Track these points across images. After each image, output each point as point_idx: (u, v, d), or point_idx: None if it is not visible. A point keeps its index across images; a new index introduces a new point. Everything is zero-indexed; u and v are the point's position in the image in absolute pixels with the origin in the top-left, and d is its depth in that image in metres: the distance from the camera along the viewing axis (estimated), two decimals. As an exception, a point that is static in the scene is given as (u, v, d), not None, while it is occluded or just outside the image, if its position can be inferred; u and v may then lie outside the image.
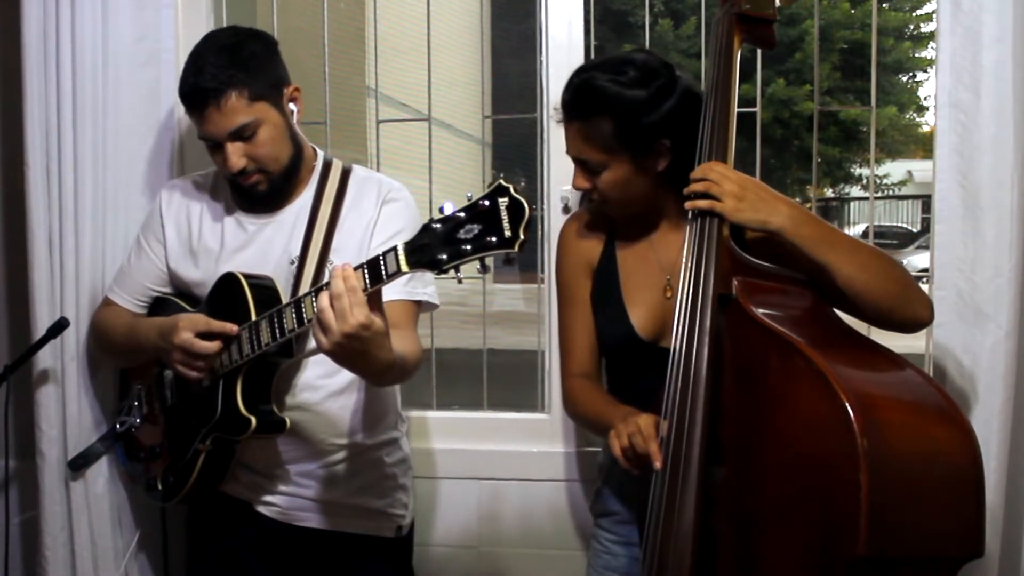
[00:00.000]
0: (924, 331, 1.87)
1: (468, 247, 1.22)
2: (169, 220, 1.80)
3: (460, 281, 1.28)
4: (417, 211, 1.77)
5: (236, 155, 1.63)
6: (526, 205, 1.19)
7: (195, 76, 1.61)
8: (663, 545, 1.36)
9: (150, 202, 1.91)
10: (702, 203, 1.40)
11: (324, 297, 1.32)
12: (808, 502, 1.21)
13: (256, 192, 1.69)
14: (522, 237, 1.20)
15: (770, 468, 1.27)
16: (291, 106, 1.70)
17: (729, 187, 1.38)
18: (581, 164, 1.57)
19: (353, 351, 1.34)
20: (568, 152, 1.58)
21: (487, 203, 1.21)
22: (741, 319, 1.34)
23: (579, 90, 1.54)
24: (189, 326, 1.57)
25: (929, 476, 1.18)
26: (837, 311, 1.41)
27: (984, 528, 1.20)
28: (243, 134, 1.62)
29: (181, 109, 2.02)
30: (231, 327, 1.56)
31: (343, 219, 1.71)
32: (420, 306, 1.71)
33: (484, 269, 1.25)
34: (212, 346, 1.57)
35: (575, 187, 1.59)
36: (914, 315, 1.43)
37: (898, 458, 1.16)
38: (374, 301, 1.35)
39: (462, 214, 1.23)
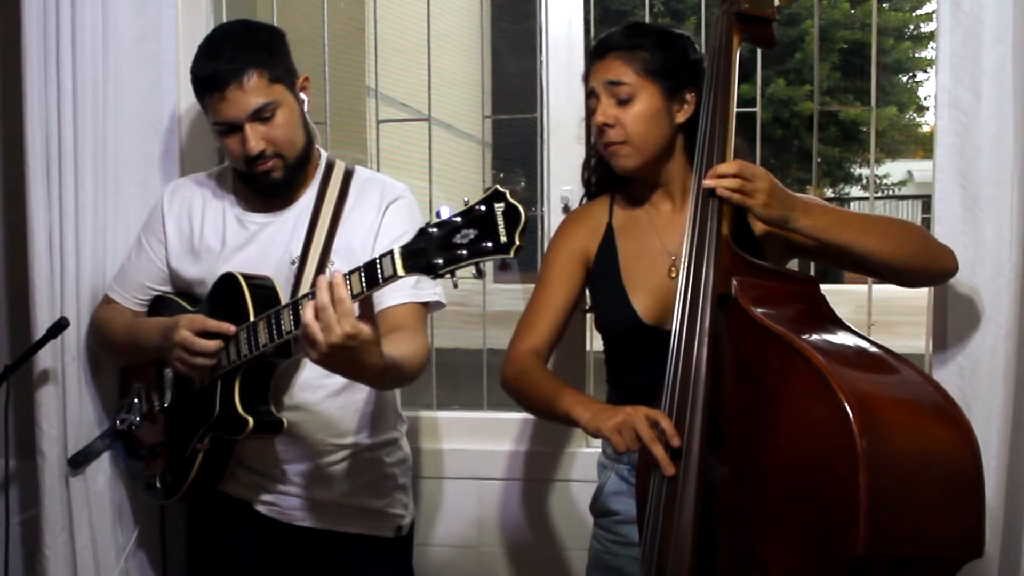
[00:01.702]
0: (924, 331, 1.88)
1: (464, 252, 1.22)
2: (171, 219, 1.80)
3: (456, 285, 1.28)
4: (419, 213, 1.78)
5: (255, 137, 1.62)
6: (522, 211, 1.20)
7: (213, 59, 1.62)
8: (662, 545, 1.36)
9: (151, 202, 1.90)
10: (736, 196, 1.41)
11: (309, 310, 1.32)
12: (807, 502, 1.21)
13: (270, 179, 1.68)
14: (518, 243, 1.20)
15: (770, 468, 1.27)
16: (302, 95, 1.71)
17: (761, 185, 1.41)
18: (611, 92, 1.58)
19: (343, 360, 1.35)
20: (598, 80, 1.59)
21: (483, 208, 1.21)
22: (741, 319, 1.34)
23: (629, 27, 1.63)
24: (188, 324, 1.59)
25: (928, 476, 1.18)
26: (839, 313, 1.41)
27: (984, 528, 1.20)
28: (263, 114, 1.62)
29: (182, 109, 2.03)
30: (229, 327, 1.58)
31: (345, 220, 1.71)
32: (428, 307, 1.71)
33: (480, 275, 1.25)
34: (212, 344, 1.57)
35: (599, 123, 1.58)
36: (942, 267, 1.55)
37: (897, 458, 1.16)
38: (363, 308, 1.36)
39: (458, 219, 1.23)
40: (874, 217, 1.51)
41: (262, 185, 1.70)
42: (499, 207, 1.20)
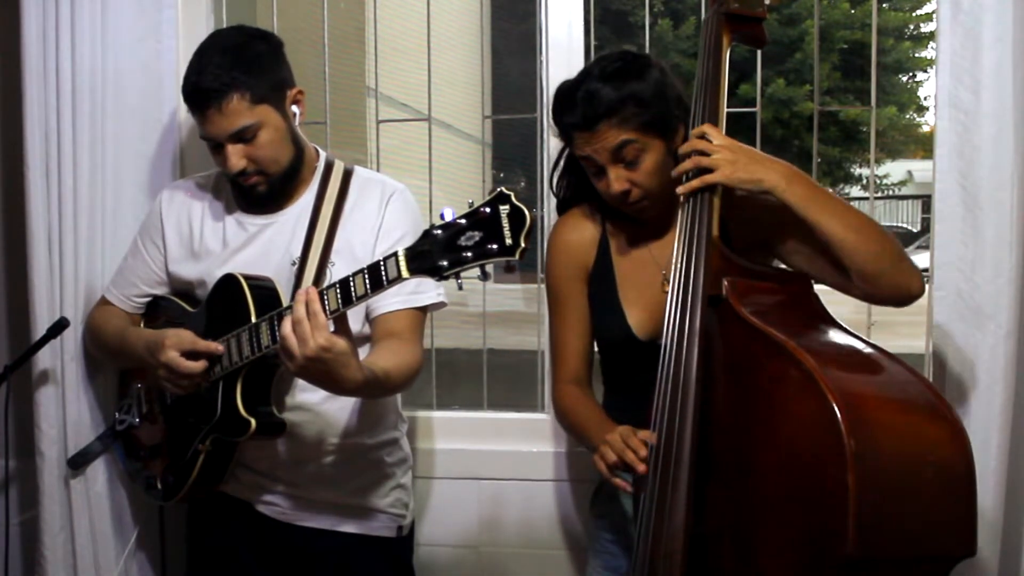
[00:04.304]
0: (924, 331, 1.88)
1: (469, 254, 1.23)
2: (169, 223, 1.80)
3: (460, 287, 1.29)
4: (419, 213, 1.78)
5: (236, 156, 1.63)
6: (527, 213, 1.20)
7: (197, 76, 1.61)
8: (654, 547, 1.36)
9: (150, 202, 1.91)
10: (694, 183, 1.40)
11: (287, 323, 1.35)
12: (798, 503, 1.21)
13: (256, 193, 1.69)
14: (523, 245, 1.21)
15: (760, 469, 1.27)
16: (294, 108, 1.70)
17: (719, 155, 1.39)
18: (618, 158, 1.53)
19: (318, 372, 1.38)
20: (598, 151, 1.53)
21: (488, 210, 1.22)
22: (731, 320, 1.34)
23: (592, 96, 1.52)
24: (175, 344, 1.58)
25: (919, 475, 1.18)
26: (831, 310, 1.41)
27: (976, 527, 1.20)
28: (243, 136, 1.62)
29: (183, 110, 2.03)
30: (216, 347, 1.58)
31: (345, 220, 1.71)
32: (426, 311, 1.71)
33: (485, 276, 1.26)
34: (197, 366, 1.58)
35: (614, 192, 1.54)
36: (906, 283, 1.44)
37: (887, 458, 1.16)
38: (340, 322, 1.39)
39: (463, 221, 1.24)
40: (855, 209, 1.46)
41: (250, 196, 1.71)
42: (504, 209, 1.21)
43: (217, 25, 2.16)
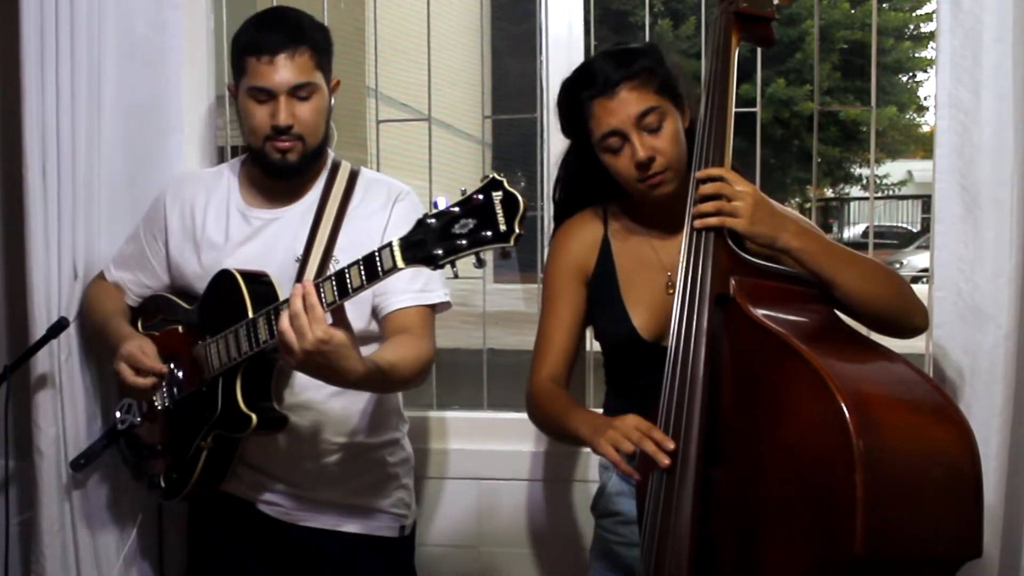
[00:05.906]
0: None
1: (463, 241, 1.22)
2: (173, 214, 1.79)
3: (456, 275, 1.29)
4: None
5: (287, 111, 1.63)
6: (520, 198, 1.20)
7: (275, 23, 1.65)
8: (660, 546, 1.36)
9: (148, 202, 1.90)
10: (712, 220, 1.39)
11: (284, 318, 1.35)
12: (805, 502, 1.21)
13: (284, 161, 1.66)
14: (517, 230, 1.20)
15: (768, 469, 1.27)
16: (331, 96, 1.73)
17: (742, 203, 1.39)
18: (642, 124, 1.53)
19: (318, 365, 1.38)
20: (622, 118, 1.52)
21: (481, 197, 1.22)
22: (739, 319, 1.34)
23: (617, 55, 1.56)
24: (127, 358, 1.64)
25: (926, 476, 1.18)
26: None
27: (983, 528, 1.20)
28: (300, 93, 1.63)
29: (184, 109, 2.03)
30: (162, 368, 1.64)
31: (349, 219, 1.71)
32: (435, 309, 1.71)
33: (480, 263, 1.25)
34: (144, 382, 1.64)
35: (640, 158, 1.52)
36: (911, 323, 1.50)
37: (895, 458, 1.16)
38: (337, 314, 1.39)
39: (456, 209, 1.23)
40: (861, 255, 1.48)
41: (274, 167, 1.68)
42: (496, 195, 1.21)
43: (217, 25, 2.16)
